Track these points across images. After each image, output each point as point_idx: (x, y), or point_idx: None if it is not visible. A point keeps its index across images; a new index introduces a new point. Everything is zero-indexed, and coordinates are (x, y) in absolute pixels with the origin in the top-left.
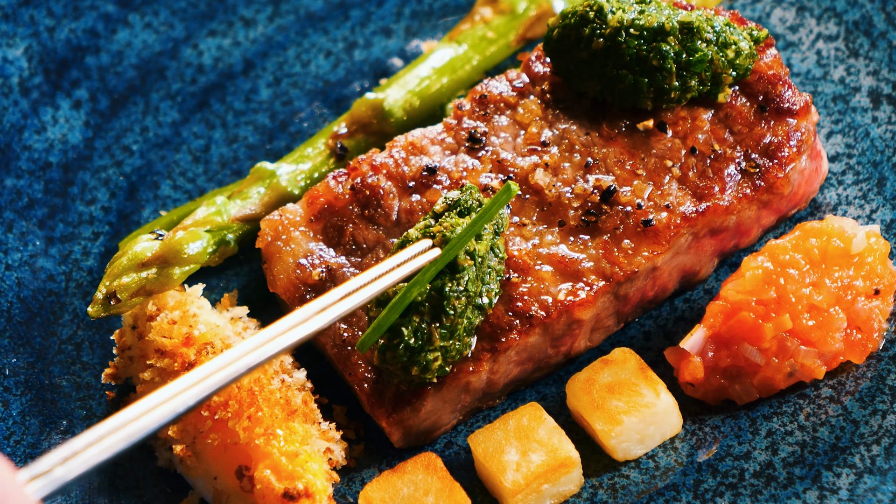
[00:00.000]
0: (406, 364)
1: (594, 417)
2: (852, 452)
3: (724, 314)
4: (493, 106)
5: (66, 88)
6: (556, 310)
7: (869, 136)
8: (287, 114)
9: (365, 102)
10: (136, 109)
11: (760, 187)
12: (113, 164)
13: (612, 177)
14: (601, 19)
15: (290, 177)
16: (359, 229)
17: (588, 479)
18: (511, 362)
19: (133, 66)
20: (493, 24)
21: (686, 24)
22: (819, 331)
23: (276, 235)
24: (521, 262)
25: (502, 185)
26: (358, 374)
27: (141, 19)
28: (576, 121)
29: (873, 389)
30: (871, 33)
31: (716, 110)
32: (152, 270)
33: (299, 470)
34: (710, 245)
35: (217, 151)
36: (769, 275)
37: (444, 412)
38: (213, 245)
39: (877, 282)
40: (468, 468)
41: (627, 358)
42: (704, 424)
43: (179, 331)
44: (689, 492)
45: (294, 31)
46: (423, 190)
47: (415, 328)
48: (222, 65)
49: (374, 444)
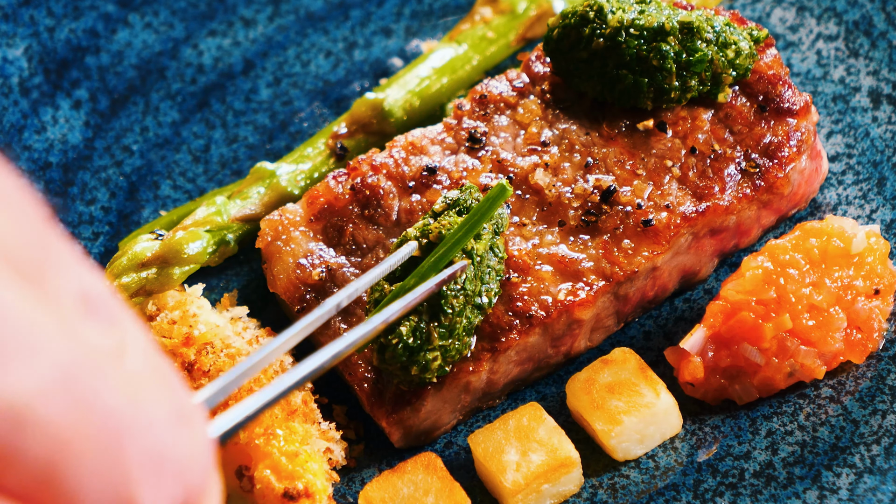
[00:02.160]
0: (405, 364)
1: (594, 417)
2: (852, 452)
3: (724, 314)
4: (493, 106)
5: (66, 88)
6: (556, 310)
7: (869, 136)
8: (287, 114)
9: (365, 102)
10: (136, 109)
11: (760, 187)
12: (113, 164)
13: (612, 177)
14: (601, 19)
15: (290, 177)
16: (359, 229)
17: (588, 479)
18: (511, 362)
19: (133, 66)
20: (493, 24)
21: (686, 24)
22: (819, 331)
23: (276, 235)
24: (521, 262)
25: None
26: (358, 374)
27: (141, 19)
28: (576, 121)
29: (873, 389)
30: (871, 33)
31: (716, 110)
32: (152, 270)
33: (299, 470)
34: (710, 245)
35: (217, 151)
36: (769, 275)
37: (444, 412)
38: (213, 245)
39: (877, 282)
40: (468, 468)
41: (627, 358)
42: (704, 424)
43: (179, 331)
44: (689, 492)
45: (294, 31)
46: (423, 190)
47: (413, 327)
48: (222, 65)
49: (374, 444)
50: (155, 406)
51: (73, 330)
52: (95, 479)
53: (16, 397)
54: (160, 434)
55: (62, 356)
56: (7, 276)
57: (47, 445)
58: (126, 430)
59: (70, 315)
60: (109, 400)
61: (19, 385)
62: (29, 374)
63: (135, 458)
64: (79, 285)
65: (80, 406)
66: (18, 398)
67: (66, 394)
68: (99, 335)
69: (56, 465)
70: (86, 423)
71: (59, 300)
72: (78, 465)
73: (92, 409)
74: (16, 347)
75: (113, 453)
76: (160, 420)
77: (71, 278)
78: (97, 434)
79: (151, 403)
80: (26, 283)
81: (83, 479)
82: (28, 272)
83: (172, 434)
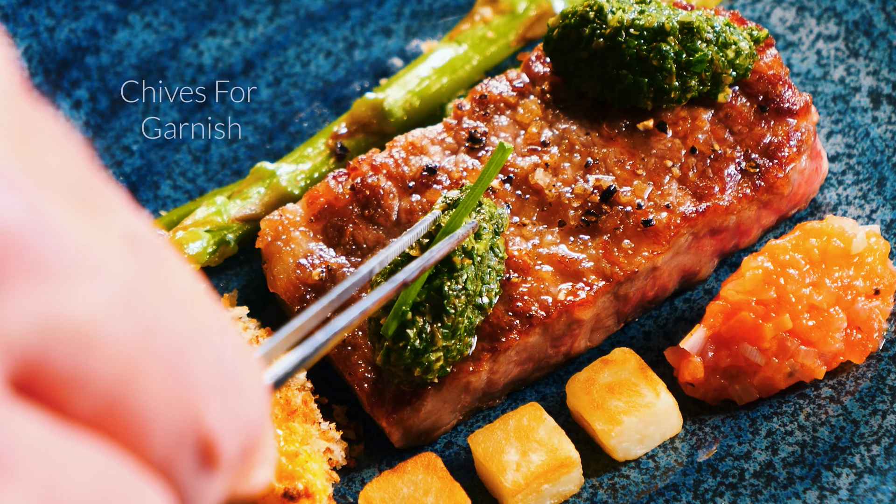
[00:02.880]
0: (409, 365)
1: (594, 417)
2: (852, 452)
3: (724, 314)
4: (493, 106)
5: (66, 88)
6: (556, 310)
7: (869, 136)
8: (287, 114)
9: (365, 102)
10: (136, 109)
11: (760, 187)
12: (113, 164)
13: (612, 177)
14: (601, 19)
15: (290, 177)
16: (359, 229)
17: (588, 479)
18: (511, 362)
19: (133, 66)
20: (493, 24)
21: (686, 24)
22: (819, 331)
23: (276, 235)
24: (521, 262)
25: (502, 185)
26: (358, 374)
27: (141, 19)
28: (576, 121)
29: (873, 389)
30: (871, 33)
31: (716, 110)
32: None
33: (299, 470)
34: (710, 245)
35: (217, 151)
36: (769, 275)
37: (444, 412)
38: (213, 245)
39: (877, 282)
40: (468, 468)
41: (627, 358)
42: (704, 424)
43: None
44: (689, 492)
45: (294, 31)
46: (423, 190)
47: (419, 330)
48: (222, 65)
49: (374, 444)
50: (214, 330)
51: (128, 258)
52: (164, 397)
53: (81, 318)
54: (222, 355)
55: (123, 278)
56: (66, 205)
57: (115, 365)
58: (190, 347)
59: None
60: (171, 319)
61: (84, 306)
62: (93, 296)
63: (201, 375)
64: (126, 223)
65: (144, 324)
66: (84, 319)
67: (130, 313)
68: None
69: (124, 384)
70: (151, 342)
71: (112, 233)
72: (146, 384)
73: (155, 327)
74: (78, 269)
75: (180, 370)
76: (221, 343)
77: (119, 216)
78: (163, 352)
79: (210, 327)
80: (84, 213)
81: (151, 398)
82: (84, 205)
83: (233, 357)
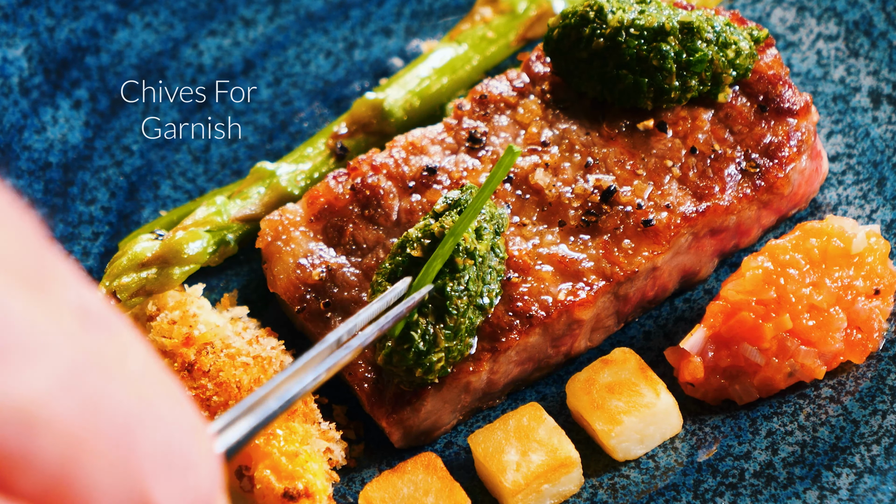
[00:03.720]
0: (411, 366)
1: (594, 417)
2: (852, 452)
3: (724, 314)
4: (493, 106)
5: (66, 88)
6: (556, 310)
7: (869, 136)
8: (287, 114)
9: (365, 102)
10: (136, 109)
11: (760, 187)
12: (113, 164)
13: (612, 177)
14: (601, 19)
15: (290, 177)
16: (359, 229)
17: (588, 479)
18: (511, 362)
19: (133, 66)
20: (493, 24)
21: (686, 24)
22: (819, 331)
23: (276, 235)
24: (522, 262)
25: (502, 185)
26: (358, 374)
27: (141, 19)
28: (576, 121)
29: (873, 389)
30: (871, 33)
31: (716, 110)
32: (152, 270)
33: (299, 470)
34: (710, 245)
35: (217, 151)
36: (769, 275)
37: (444, 412)
38: (213, 245)
39: (877, 282)
40: (468, 468)
41: (627, 358)
42: (704, 424)
43: (179, 331)
44: (689, 492)
45: (294, 31)
46: (424, 190)
47: (423, 331)
48: (222, 65)
49: (374, 444)
50: (163, 406)
51: (76, 336)
52: (108, 477)
53: (25, 399)
54: (170, 431)
55: (68, 358)
56: (11, 285)
57: (59, 445)
58: (137, 424)
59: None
60: (117, 398)
61: (28, 387)
62: (37, 376)
63: (146, 453)
64: (77, 298)
65: (88, 404)
66: (28, 400)
67: (75, 393)
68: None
69: (69, 464)
70: (96, 421)
71: (61, 310)
72: (91, 464)
73: (101, 407)
74: (23, 351)
75: (125, 450)
76: (169, 419)
77: (70, 291)
78: (108, 430)
79: (159, 403)
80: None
81: (96, 477)
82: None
83: (181, 433)
